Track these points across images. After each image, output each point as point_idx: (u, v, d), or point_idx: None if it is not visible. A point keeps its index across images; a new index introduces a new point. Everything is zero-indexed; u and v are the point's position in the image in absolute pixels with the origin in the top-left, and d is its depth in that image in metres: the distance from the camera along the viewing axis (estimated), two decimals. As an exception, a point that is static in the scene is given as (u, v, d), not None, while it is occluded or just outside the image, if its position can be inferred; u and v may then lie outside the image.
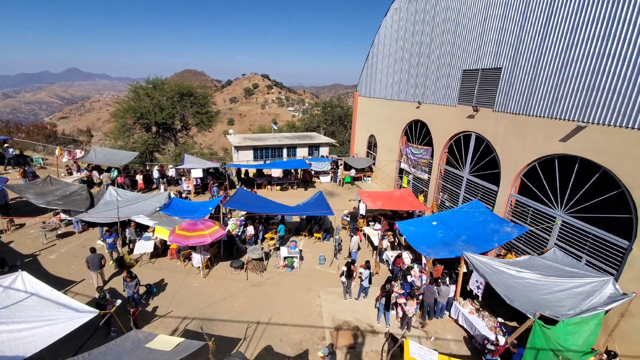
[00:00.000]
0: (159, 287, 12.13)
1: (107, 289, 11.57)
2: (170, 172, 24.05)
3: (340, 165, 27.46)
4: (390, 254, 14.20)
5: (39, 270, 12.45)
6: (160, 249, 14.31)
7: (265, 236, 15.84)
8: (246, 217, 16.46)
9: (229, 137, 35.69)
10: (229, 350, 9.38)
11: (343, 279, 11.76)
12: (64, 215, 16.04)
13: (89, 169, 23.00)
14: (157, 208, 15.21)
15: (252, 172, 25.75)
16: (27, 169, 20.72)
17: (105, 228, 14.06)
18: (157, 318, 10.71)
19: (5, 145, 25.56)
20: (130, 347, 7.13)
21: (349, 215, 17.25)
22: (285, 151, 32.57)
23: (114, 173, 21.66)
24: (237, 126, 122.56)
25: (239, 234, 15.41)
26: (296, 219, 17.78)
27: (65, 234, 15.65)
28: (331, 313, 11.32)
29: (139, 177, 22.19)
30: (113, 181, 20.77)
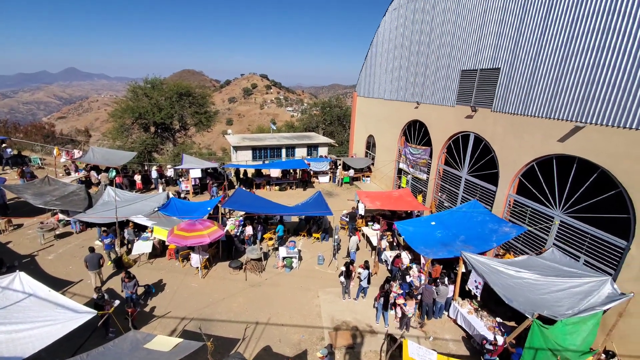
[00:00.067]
0: (157, 288, 12.11)
1: (105, 290, 11.56)
2: (169, 172, 24.00)
3: (339, 165, 27.46)
4: (389, 254, 14.22)
5: (36, 271, 12.41)
6: (159, 250, 14.30)
7: (264, 236, 15.85)
8: (245, 217, 16.45)
9: (227, 137, 35.63)
10: (228, 351, 9.39)
11: (342, 279, 11.76)
12: (62, 216, 16.02)
13: (87, 169, 22.96)
14: (156, 208, 15.19)
15: (250, 172, 25.75)
16: (25, 169, 20.65)
17: (102, 229, 14.06)
18: (155, 318, 10.69)
19: (3, 145, 25.46)
20: (128, 347, 7.13)
21: (348, 216, 17.26)
22: (284, 151, 32.56)
23: (112, 173, 21.64)
24: (235, 126, 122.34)
25: (238, 234, 15.39)
26: (295, 219, 17.77)
27: (63, 234, 15.62)
28: (330, 313, 11.33)
29: (137, 177, 22.15)
30: (111, 181, 20.74)
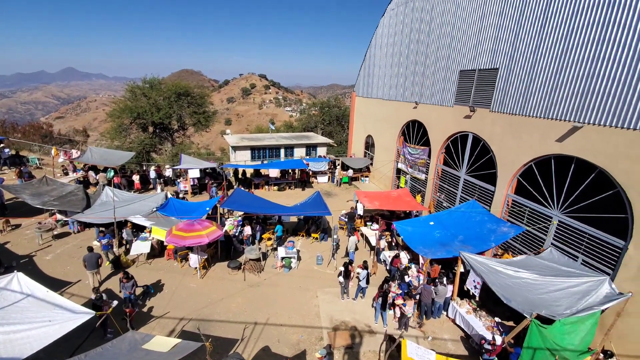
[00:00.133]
0: (155, 288, 12.09)
1: (103, 290, 11.51)
2: (167, 173, 23.97)
3: (338, 165, 27.46)
4: (387, 254, 14.23)
5: (34, 271, 12.37)
6: (157, 250, 14.27)
7: (263, 236, 15.84)
8: (243, 217, 16.44)
9: (226, 137, 35.59)
10: (227, 351, 9.38)
11: (341, 279, 11.77)
12: (60, 216, 15.96)
13: (85, 169, 22.88)
14: (154, 208, 15.16)
15: (249, 172, 25.73)
16: (23, 169, 20.58)
17: (100, 229, 14.02)
18: (154, 319, 10.67)
19: (1, 145, 25.34)
20: (127, 348, 7.11)
21: (347, 216, 17.25)
22: (282, 151, 32.54)
23: (110, 173, 21.58)
24: (234, 126, 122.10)
25: (237, 234, 15.36)
26: (294, 219, 17.76)
27: (61, 234, 15.57)
28: (329, 313, 11.33)
29: (135, 177, 22.12)
30: (109, 181, 20.67)
